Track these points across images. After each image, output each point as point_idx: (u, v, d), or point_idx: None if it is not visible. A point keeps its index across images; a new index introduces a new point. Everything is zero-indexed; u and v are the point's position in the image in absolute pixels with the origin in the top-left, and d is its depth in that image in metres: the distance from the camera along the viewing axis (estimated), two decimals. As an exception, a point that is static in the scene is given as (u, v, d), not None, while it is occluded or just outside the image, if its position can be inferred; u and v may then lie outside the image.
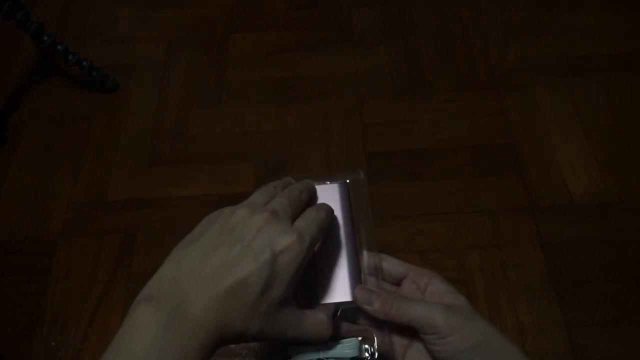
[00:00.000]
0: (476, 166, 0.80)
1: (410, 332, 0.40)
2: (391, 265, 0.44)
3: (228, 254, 0.33)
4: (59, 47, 0.86)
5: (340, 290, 0.41)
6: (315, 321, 0.38)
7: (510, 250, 0.71)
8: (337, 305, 0.41)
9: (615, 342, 0.64)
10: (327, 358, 0.41)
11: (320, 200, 0.44)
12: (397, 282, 0.44)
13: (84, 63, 0.88)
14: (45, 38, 0.84)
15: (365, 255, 0.44)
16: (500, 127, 0.84)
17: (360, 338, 0.42)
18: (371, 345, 0.42)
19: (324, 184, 0.45)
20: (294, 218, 0.37)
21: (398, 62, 0.93)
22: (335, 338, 0.41)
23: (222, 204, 0.38)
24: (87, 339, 0.67)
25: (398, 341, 0.42)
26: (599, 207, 0.75)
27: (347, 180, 0.46)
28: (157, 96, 0.92)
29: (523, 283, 0.69)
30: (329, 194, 0.44)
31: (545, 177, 0.78)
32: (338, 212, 0.44)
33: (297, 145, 0.84)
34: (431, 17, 0.99)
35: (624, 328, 0.65)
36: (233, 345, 0.66)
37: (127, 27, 1.02)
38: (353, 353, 0.41)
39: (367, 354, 0.41)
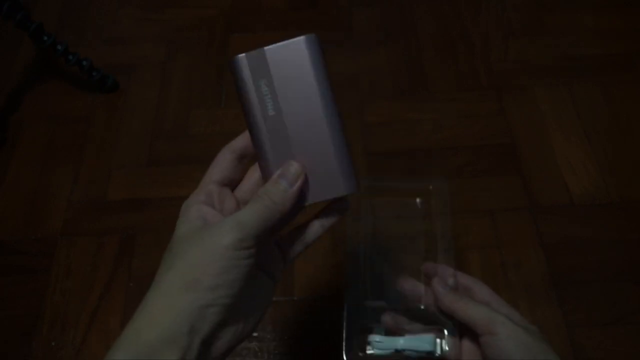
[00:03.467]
0: (476, 166, 0.80)
1: (466, 331, 0.44)
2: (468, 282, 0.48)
3: None
4: (59, 47, 0.86)
5: (330, 183, 0.36)
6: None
7: (510, 250, 0.71)
8: (330, 200, 0.37)
9: (615, 342, 0.64)
10: (404, 349, 0.47)
11: (284, 66, 0.36)
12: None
13: (84, 63, 0.88)
14: (45, 38, 0.84)
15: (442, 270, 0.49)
16: (500, 127, 0.84)
17: (434, 335, 0.46)
18: (442, 340, 0.46)
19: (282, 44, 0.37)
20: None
21: (398, 62, 0.93)
22: (413, 333, 0.46)
23: (222, 203, 0.38)
24: (87, 339, 0.67)
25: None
26: (599, 207, 0.75)
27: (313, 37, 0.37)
28: (157, 96, 0.92)
29: (523, 283, 0.69)
30: (293, 55, 0.36)
31: (545, 177, 0.78)
32: (310, 77, 0.36)
33: (297, 145, 0.83)
34: (431, 17, 0.99)
35: (624, 328, 0.65)
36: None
37: (127, 27, 1.02)
38: (429, 347, 0.45)
39: (439, 350, 0.46)
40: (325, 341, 0.66)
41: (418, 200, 0.63)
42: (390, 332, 0.51)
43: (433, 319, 0.49)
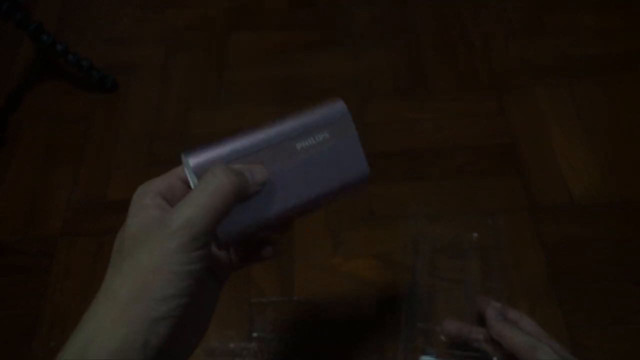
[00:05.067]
0: (476, 166, 0.80)
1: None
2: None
3: None
4: (59, 46, 0.86)
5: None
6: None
7: (510, 250, 0.71)
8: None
9: (615, 343, 0.64)
10: None
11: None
12: None
13: (84, 63, 0.88)
14: (45, 38, 0.84)
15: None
16: (500, 127, 0.84)
17: None
18: None
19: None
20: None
21: (398, 61, 0.93)
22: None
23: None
24: (87, 339, 0.67)
25: None
26: (599, 207, 0.75)
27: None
28: (157, 96, 0.92)
29: (523, 283, 0.69)
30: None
31: (545, 177, 0.78)
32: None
33: (297, 145, 0.83)
34: (431, 16, 0.99)
35: (624, 328, 0.65)
36: (232, 345, 0.66)
37: (127, 27, 1.02)
38: None
39: None
40: (325, 342, 0.66)
41: (475, 234, 0.68)
42: (440, 356, 0.60)
43: (481, 351, 0.56)
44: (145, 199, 0.33)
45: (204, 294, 0.34)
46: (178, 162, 0.39)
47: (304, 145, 0.36)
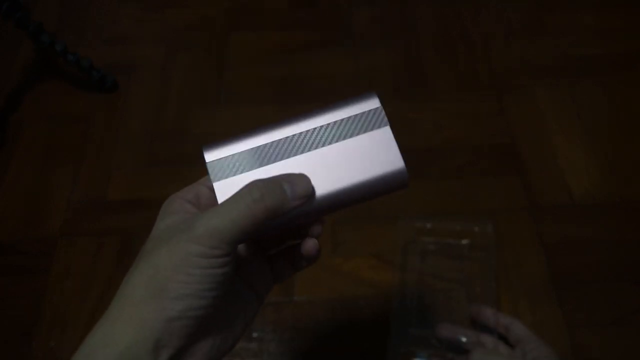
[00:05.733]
0: (476, 166, 0.80)
1: None
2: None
3: None
4: (58, 46, 0.85)
5: None
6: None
7: (510, 250, 0.71)
8: None
9: (615, 343, 0.64)
10: None
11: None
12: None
13: (84, 63, 0.88)
14: (45, 38, 0.84)
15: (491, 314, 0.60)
16: (500, 127, 0.84)
17: None
18: None
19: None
20: None
21: (398, 61, 0.93)
22: None
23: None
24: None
25: None
26: (600, 207, 0.75)
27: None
28: (157, 96, 0.92)
29: (523, 283, 0.69)
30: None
31: (546, 177, 0.78)
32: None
33: (297, 145, 0.83)
34: (431, 16, 0.99)
35: (624, 328, 0.65)
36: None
37: (127, 27, 1.02)
38: None
39: None
40: (325, 342, 0.66)
41: (464, 241, 0.69)
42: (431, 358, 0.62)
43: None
44: (173, 205, 0.33)
45: (238, 303, 0.34)
46: (178, 162, 0.38)
47: (330, 135, 0.34)
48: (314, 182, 0.33)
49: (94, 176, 0.83)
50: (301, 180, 0.32)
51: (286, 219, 0.32)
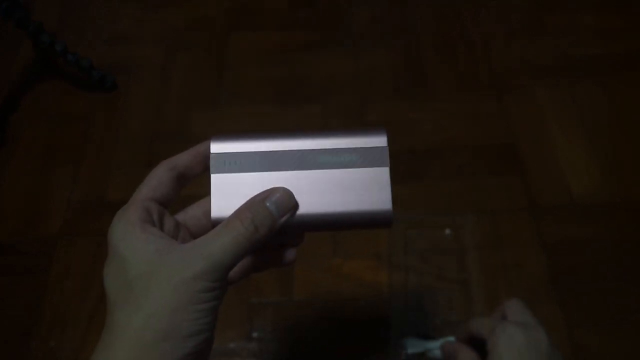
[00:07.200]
0: (476, 166, 0.80)
1: None
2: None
3: None
4: (58, 46, 0.85)
5: None
6: None
7: (510, 250, 0.71)
8: None
9: (615, 343, 0.64)
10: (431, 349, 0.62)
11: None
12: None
13: (84, 63, 0.88)
14: (45, 38, 0.84)
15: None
16: (500, 127, 0.84)
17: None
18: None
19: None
20: None
21: (398, 61, 0.93)
22: None
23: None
24: (86, 339, 0.67)
25: None
26: (600, 207, 0.75)
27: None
28: (157, 96, 0.92)
29: (523, 283, 0.69)
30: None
31: (546, 177, 0.78)
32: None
33: (297, 145, 0.83)
34: (431, 16, 0.99)
35: (624, 328, 0.65)
36: (232, 345, 0.66)
37: (127, 27, 1.02)
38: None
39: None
40: (325, 342, 0.66)
41: (447, 231, 0.69)
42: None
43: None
44: (135, 232, 0.33)
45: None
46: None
47: (331, 160, 0.35)
48: (303, 199, 0.34)
49: (94, 176, 0.83)
50: (284, 195, 0.33)
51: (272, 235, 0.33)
